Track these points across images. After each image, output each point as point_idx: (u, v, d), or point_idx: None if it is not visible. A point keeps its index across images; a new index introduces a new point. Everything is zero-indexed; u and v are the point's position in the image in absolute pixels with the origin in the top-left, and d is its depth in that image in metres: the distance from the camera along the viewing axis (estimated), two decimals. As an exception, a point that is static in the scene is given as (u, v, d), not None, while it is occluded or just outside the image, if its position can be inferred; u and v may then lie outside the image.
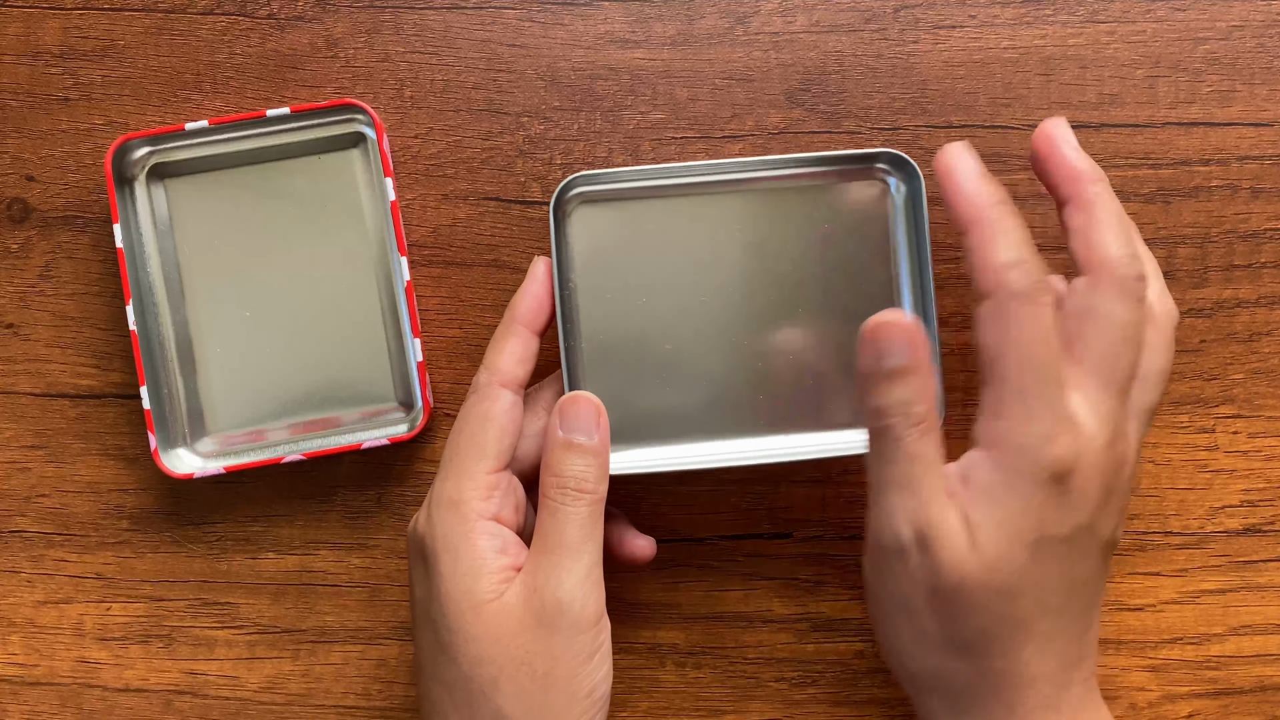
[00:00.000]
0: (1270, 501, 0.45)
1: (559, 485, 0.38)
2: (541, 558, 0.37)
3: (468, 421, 0.39)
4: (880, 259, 0.41)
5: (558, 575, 0.37)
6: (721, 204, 0.41)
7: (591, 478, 0.38)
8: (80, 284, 0.46)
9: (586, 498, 0.38)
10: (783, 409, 0.41)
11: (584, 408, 0.39)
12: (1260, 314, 0.45)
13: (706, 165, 0.41)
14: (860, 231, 0.41)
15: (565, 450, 0.38)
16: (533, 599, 0.37)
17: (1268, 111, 0.45)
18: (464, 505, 0.38)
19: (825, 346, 0.41)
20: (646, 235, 0.41)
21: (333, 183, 0.44)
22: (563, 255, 0.41)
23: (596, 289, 0.41)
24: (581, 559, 0.37)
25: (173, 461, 0.44)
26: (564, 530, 0.37)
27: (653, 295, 0.41)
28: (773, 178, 0.41)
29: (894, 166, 0.41)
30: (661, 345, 0.41)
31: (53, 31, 0.45)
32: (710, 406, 0.41)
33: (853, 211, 0.41)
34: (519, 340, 0.40)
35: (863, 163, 0.41)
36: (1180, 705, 0.45)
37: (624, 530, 0.43)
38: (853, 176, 0.41)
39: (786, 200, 0.41)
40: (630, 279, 0.41)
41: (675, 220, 0.41)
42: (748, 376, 0.41)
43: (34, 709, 0.46)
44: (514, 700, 0.37)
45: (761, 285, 0.41)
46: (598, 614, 0.37)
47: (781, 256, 0.41)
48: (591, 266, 0.41)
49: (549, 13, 0.45)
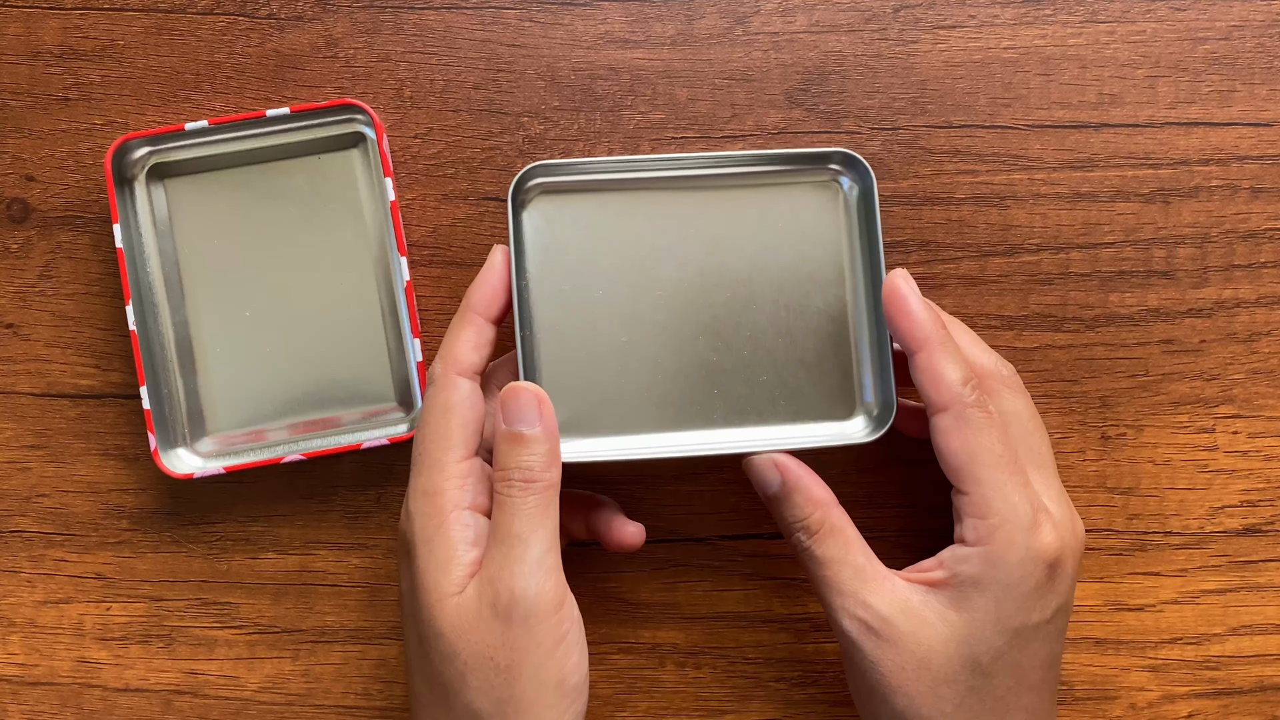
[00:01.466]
0: (1270, 501, 0.45)
1: (505, 478, 0.38)
2: (494, 550, 0.37)
3: (430, 414, 0.39)
4: (833, 256, 0.42)
5: (509, 566, 0.37)
6: (679, 199, 0.42)
7: (538, 466, 0.38)
8: (80, 284, 0.46)
9: (534, 487, 0.38)
10: (736, 403, 0.41)
11: (525, 398, 0.39)
12: (1260, 314, 0.45)
13: (664, 160, 0.41)
14: (814, 229, 0.42)
15: (510, 443, 0.38)
16: (487, 591, 0.37)
17: (1268, 111, 0.45)
18: (438, 496, 0.38)
19: (779, 342, 0.41)
20: (605, 227, 0.41)
21: (333, 183, 0.44)
22: (520, 245, 0.41)
23: (553, 279, 0.41)
24: (531, 548, 0.37)
25: (173, 461, 0.44)
26: (513, 521, 0.37)
27: (609, 287, 0.41)
28: (729, 174, 0.42)
29: (846, 166, 0.42)
30: (617, 337, 0.41)
31: (53, 31, 0.45)
32: (665, 399, 0.41)
33: (807, 209, 0.42)
34: (474, 329, 0.40)
35: (816, 162, 0.42)
36: (1180, 705, 0.45)
37: (613, 517, 0.43)
38: (807, 175, 0.42)
39: (743, 197, 0.42)
40: (587, 270, 0.41)
41: (633, 213, 0.41)
42: (703, 370, 0.41)
43: (34, 709, 0.46)
44: (482, 695, 0.37)
45: (717, 280, 0.41)
46: (556, 602, 0.37)
47: (737, 252, 0.41)
48: (549, 257, 0.41)
49: (549, 13, 0.45)
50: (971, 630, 0.37)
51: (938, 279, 0.45)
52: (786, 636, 0.46)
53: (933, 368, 0.38)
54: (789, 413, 0.42)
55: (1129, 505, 0.45)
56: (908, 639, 0.38)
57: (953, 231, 0.45)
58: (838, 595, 0.39)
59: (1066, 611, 0.39)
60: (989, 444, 0.38)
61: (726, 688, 0.46)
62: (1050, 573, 0.38)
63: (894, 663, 0.38)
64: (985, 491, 0.38)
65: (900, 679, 0.38)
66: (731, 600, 0.46)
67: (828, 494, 0.40)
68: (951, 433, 0.38)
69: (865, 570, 0.39)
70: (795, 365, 0.42)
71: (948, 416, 0.38)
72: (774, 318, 0.41)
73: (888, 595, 0.38)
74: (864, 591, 0.38)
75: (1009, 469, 0.38)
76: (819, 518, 0.39)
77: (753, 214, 0.42)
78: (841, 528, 0.39)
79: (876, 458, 0.46)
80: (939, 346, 0.38)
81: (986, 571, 0.37)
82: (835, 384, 0.42)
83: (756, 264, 0.41)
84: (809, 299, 0.42)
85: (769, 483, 0.40)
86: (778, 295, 0.42)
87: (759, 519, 0.46)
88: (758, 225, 0.42)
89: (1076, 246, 0.45)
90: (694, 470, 0.46)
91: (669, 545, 0.46)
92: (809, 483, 0.40)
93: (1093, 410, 0.45)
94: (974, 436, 0.38)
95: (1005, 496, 0.37)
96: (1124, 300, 0.45)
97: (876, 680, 0.38)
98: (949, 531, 0.42)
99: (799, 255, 0.42)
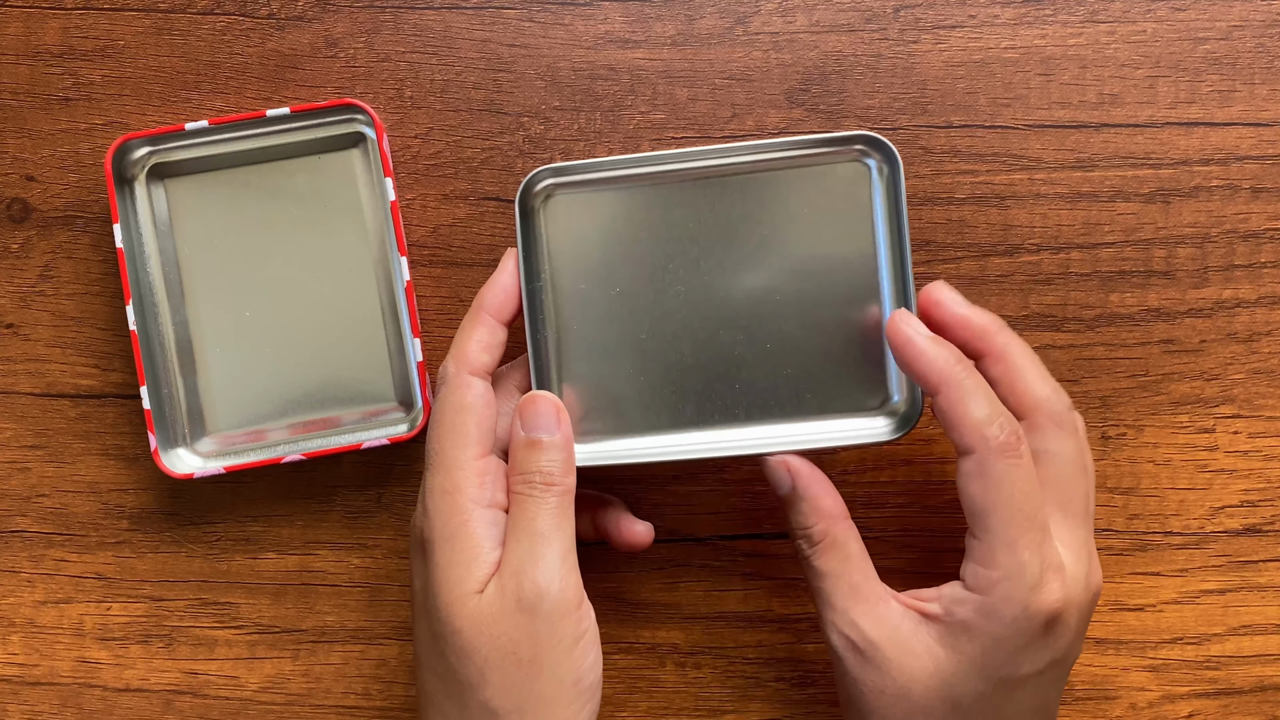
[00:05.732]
0: (1270, 501, 0.45)
1: (526, 480, 0.38)
2: (516, 546, 0.38)
3: (445, 412, 0.39)
4: (857, 243, 0.40)
5: (533, 561, 0.37)
6: (694, 193, 0.41)
7: (557, 471, 0.38)
8: (80, 284, 0.46)
9: (554, 489, 0.38)
10: (761, 398, 0.40)
11: (543, 406, 0.39)
12: (1260, 314, 0.45)
13: (674, 154, 0.40)
14: (837, 216, 0.40)
15: (529, 449, 0.39)
16: (510, 585, 0.37)
17: (1268, 111, 0.45)
18: (458, 494, 0.38)
19: (803, 333, 0.40)
20: (618, 225, 0.41)
21: (333, 183, 0.44)
22: (535, 248, 0.41)
23: (570, 280, 0.41)
24: (554, 545, 0.37)
25: (173, 461, 0.44)
26: (535, 519, 0.38)
27: (625, 285, 0.41)
28: (745, 164, 0.40)
29: (871, 148, 0.40)
30: (637, 335, 0.41)
31: (53, 31, 0.45)
32: (687, 396, 0.41)
33: (830, 195, 0.40)
34: (486, 329, 0.40)
35: (839, 145, 0.40)
36: (1180, 705, 0.45)
37: (621, 516, 0.43)
38: (828, 160, 0.40)
39: (761, 185, 0.40)
40: (603, 270, 0.41)
41: (648, 210, 0.41)
42: (725, 366, 0.41)
43: (34, 709, 0.46)
44: (502, 692, 0.37)
45: (736, 272, 0.40)
46: (577, 599, 0.38)
47: (758, 244, 0.40)
48: (565, 258, 0.41)
49: (549, 13, 0.45)
50: (956, 670, 0.37)
51: (938, 279, 0.45)
52: (786, 636, 0.46)
53: (952, 409, 0.37)
54: (815, 406, 0.40)
55: (1129, 505, 0.45)
56: (891, 665, 0.37)
57: (953, 231, 0.45)
58: (829, 610, 0.39)
59: (1065, 664, 0.38)
60: (1009, 496, 0.36)
61: (726, 688, 0.46)
62: (1046, 629, 0.37)
63: (875, 685, 0.38)
64: (994, 544, 0.36)
65: (879, 701, 0.38)
66: (731, 600, 0.46)
67: (837, 505, 0.39)
68: (973, 480, 0.37)
69: (861, 589, 0.38)
70: (820, 357, 0.40)
71: (971, 461, 0.37)
72: (798, 309, 0.40)
73: (879, 618, 0.38)
74: (855, 611, 0.38)
75: (1024, 525, 0.36)
76: (822, 529, 0.39)
77: (772, 202, 0.40)
78: (844, 543, 0.39)
79: (877, 458, 0.46)
80: (960, 385, 0.37)
81: (979, 621, 0.37)
82: (864, 376, 0.40)
83: (777, 254, 0.40)
84: (834, 288, 0.40)
85: (780, 484, 0.40)
86: (801, 285, 0.40)
87: (759, 519, 0.46)
88: (777, 214, 0.40)
89: (1076, 246, 0.45)
90: (694, 470, 0.46)
91: (669, 545, 0.46)
92: (817, 491, 0.39)
93: (1093, 410, 0.45)
94: (994, 487, 0.36)
95: (1015, 554, 0.36)
96: (1124, 300, 0.45)
97: (856, 696, 0.38)
98: (949, 532, 0.42)
99: (822, 243, 0.40)
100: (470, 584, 0.37)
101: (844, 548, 0.39)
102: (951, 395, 0.37)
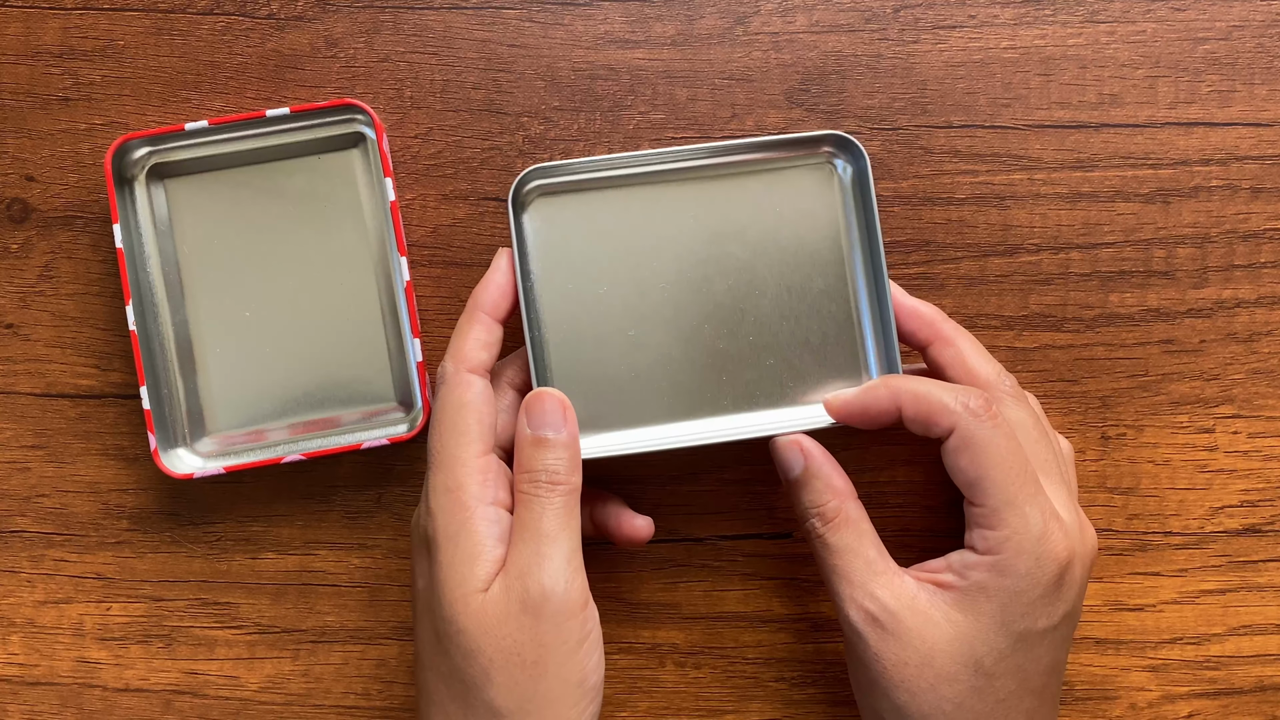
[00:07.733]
0: (1270, 501, 0.45)
1: (532, 479, 0.38)
2: (521, 546, 0.38)
3: (445, 411, 0.39)
4: (832, 237, 0.42)
5: (539, 562, 0.37)
6: (677, 192, 0.42)
7: (563, 470, 0.39)
8: (80, 284, 0.46)
9: (560, 488, 0.38)
10: (745, 388, 0.42)
11: (549, 403, 0.39)
12: (1260, 314, 0.45)
13: (659, 154, 0.42)
14: (811, 212, 0.42)
15: (535, 447, 0.39)
16: (515, 586, 0.37)
17: (1268, 111, 0.45)
18: (460, 492, 0.38)
19: (783, 325, 0.42)
20: (605, 224, 0.42)
21: (333, 183, 0.44)
22: (523, 246, 0.41)
23: (558, 279, 0.42)
24: (560, 545, 0.38)
25: (173, 461, 0.44)
26: (541, 520, 0.38)
27: (613, 283, 0.42)
28: (725, 164, 0.42)
29: (839, 148, 0.42)
30: (624, 331, 0.42)
31: (53, 31, 0.45)
32: (674, 389, 0.42)
33: (803, 193, 0.42)
34: (483, 327, 0.40)
35: (808, 145, 0.42)
36: (1180, 705, 0.45)
37: (621, 511, 0.43)
38: (801, 160, 0.42)
39: (739, 185, 0.42)
40: (590, 268, 0.42)
41: (632, 209, 0.42)
42: (710, 358, 0.42)
43: (34, 709, 0.46)
44: (506, 692, 0.37)
45: (718, 269, 0.42)
46: (583, 600, 0.38)
47: (737, 239, 0.42)
48: (552, 257, 0.42)
49: (549, 13, 0.45)
50: (976, 632, 0.37)
51: (938, 279, 0.45)
52: (786, 636, 0.46)
53: (921, 412, 0.39)
54: (796, 395, 0.42)
55: (1129, 505, 0.45)
56: (912, 635, 0.38)
57: (953, 231, 0.45)
58: (846, 585, 0.39)
59: (1074, 618, 0.39)
60: (999, 456, 0.38)
61: (726, 688, 0.46)
62: (1059, 579, 0.38)
63: (897, 657, 0.38)
64: (996, 504, 0.37)
65: (903, 674, 0.38)
66: (731, 600, 0.46)
67: (847, 485, 0.40)
68: (959, 452, 0.38)
69: (876, 563, 0.39)
70: (800, 347, 0.42)
71: (954, 438, 0.38)
72: (777, 301, 0.42)
73: (896, 589, 0.38)
74: (872, 583, 0.39)
75: (1020, 480, 0.38)
76: (835, 505, 0.40)
77: (750, 201, 0.42)
78: (856, 520, 0.40)
79: (877, 458, 0.46)
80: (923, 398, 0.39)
81: (994, 579, 0.37)
82: (841, 363, 0.42)
83: (756, 250, 0.42)
84: (810, 281, 0.42)
85: (792, 465, 0.40)
86: (779, 279, 0.42)
87: (759, 519, 0.46)
88: (755, 211, 0.42)
89: (1076, 246, 0.45)
90: (694, 469, 0.46)
91: (669, 545, 0.46)
92: (830, 470, 0.40)
93: (1093, 410, 0.45)
94: (982, 452, 0.38)
95: (1017, 509, 0.37)
96: (1124, 300, 0.45)
97: (879, 673, 0.38)
98: (949, 531, 0.42)
99: (798, 239, 0.42)
100: (474, 582, 0.37)
101: (857, 524, 0.40)
102: (919, 405, 0.39)
